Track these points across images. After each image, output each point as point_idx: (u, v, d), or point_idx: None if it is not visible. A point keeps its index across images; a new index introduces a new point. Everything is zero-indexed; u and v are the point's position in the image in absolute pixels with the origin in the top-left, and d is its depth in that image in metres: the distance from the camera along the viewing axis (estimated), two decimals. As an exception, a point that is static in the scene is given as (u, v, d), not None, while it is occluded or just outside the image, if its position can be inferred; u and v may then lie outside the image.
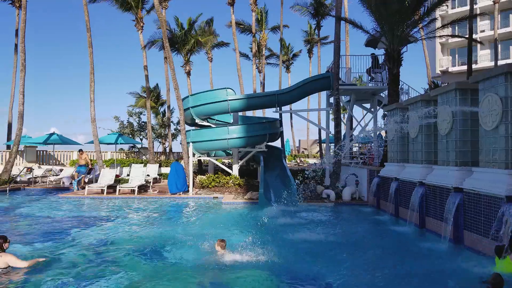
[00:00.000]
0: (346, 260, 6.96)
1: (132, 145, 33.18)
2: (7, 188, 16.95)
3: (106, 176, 16.84)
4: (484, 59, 35.64)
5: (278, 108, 18.77)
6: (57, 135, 23.55)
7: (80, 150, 19.33)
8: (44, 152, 26.74)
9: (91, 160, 26.55)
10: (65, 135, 24.26)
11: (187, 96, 19.45)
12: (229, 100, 17.90)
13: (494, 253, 5.93)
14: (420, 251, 7.80)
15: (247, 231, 9.16)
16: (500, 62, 29.71)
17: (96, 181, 17.78)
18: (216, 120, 21.04)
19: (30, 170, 21.30)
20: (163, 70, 33.25)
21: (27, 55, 19.87)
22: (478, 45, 35.45)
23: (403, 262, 6.91)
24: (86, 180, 19.58)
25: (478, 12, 31.84)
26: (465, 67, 27.69)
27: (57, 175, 21.03)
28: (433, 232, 8.77)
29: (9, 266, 6.06)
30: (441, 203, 8.43)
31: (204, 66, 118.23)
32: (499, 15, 32.20)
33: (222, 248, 6.97)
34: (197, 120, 19.06)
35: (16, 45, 26.82)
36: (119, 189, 15.81)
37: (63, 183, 19.53)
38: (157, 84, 40.14)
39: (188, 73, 31.81)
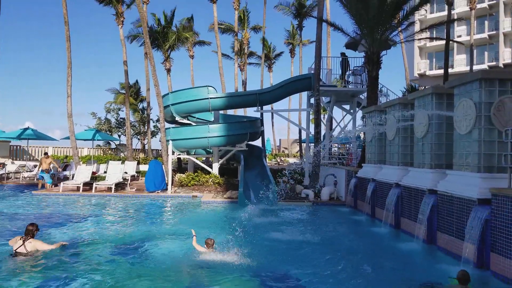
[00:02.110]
0: (318, 259, 7.04)
1: (107, 141, 32.56)
2: (-22, 184, 16.36)
3: (82, 173, 16.47)
4: (460, 63, 36.65)
5: (259, 107, 18.79)
6: (32, 130, 22.86)
7: (45, 154, 18.02)
8: (18, 147, 25.95)
9: (66, 157, 25.97)
10: (41, 130, 23.69)
11: (168, 93, 19.24)
12: (210, 98, 17.79)
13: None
14: (393, 250, 7.98)
15: (226, 230, 9.13)
16: (475, 67, 30.62)
17: (72, 178, 17.36)
18: (197, 118, 20.89)
19: (2, 165, 20.62)
20: (143, 66, 32.76)
21: (1, 47, 19.18)
22: (455, 50, 36.49)
23: (375, 261, 7.05)
24: (62, 177, 19.12)
25: (455, 17, 32.69)
26: (441, 71, 28.40)
27: (31, 171, 20.44)
28: (408, 233, 8.96)
29: (37, 250, 6.78)
30: (416, 205, 8.62)
31: (185, 63, 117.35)
32: (475, 21, 33.21)
33: (208, 247, 7.00)
34: (177, 118, 18.87)
35: (-11, 36, 25.84)
36: (96, 187, 15.49)
37: (37, 179, 18.98)
38: (136, 81, 39.47)
39: (169, 70, 31.43)
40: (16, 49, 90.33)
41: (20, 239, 6.75)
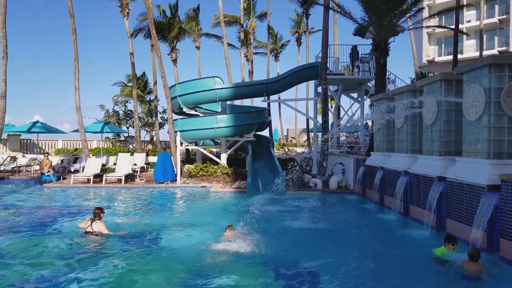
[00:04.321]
0: (328, 247, 7.09)
1: (117, 133, 32.79)
2: (-9, 178, 16.66)
3: (92, 165, 16.67)
4: (469, 49, 36.05)
5: (266, 97, 18.75)
6: (41, 123, 23.10)
7: (46, 154, 17.93)
8: (28, 140, 26.28)
9: (76, 150, 26.26)
10: (50, 123, 23.81)
11: (174, 85, 19.26)
12: (216, 89, 17.80)
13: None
14: (403, 237, 8.00)
15: (235, 220, 9.22)
16: (485, 53, 30.12)
17: (82, 170, 17.59)
18: (204, 109, 20.93)
19: (13, 159, 20.94)
20: (149, 59, 32.76)
21: (9, 42, 19.34)
22: (464, 36, 35.85)
23: (385, 248, 7.09)
24: (72, 169, 19.37)
25: (464, 2, 32.08)
26: (451, 57, 27.95)
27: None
28: (417, 220, 8.97)
29: (100, 231, 7.59)
30: (425, 192, 8.61)
31: (191, 55, 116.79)
32: (485, 6, 32.53)
33: (229, 230, 7.42)
34: (185, 109, 18.93)
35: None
36: (106, 178, 15.68)
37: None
38: (144, 73, 39.50)
39: (175, 61, 31.42)
40: (24, 43, 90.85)
41: (89, 220, 7.74)
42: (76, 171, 18.56)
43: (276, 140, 42.55)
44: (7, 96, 18.78)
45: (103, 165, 17.77)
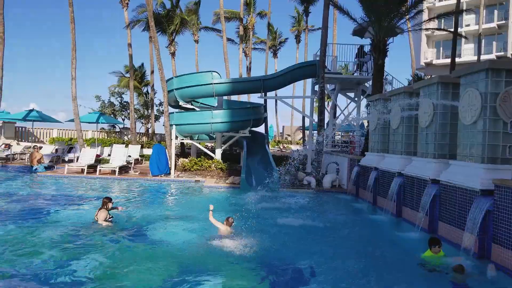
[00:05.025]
0: (318, 246, 7.11)
1: (112, 124, 32.62)
2: (-17, 165, 16.51)
3: (87, 156, 16.57)
4: (467, 53, 36.19)
5: (263, 93, 18.71)
6: (37, 111, 22.89)
7: (36, 147, 17.84)
8: (23, 128, 26.07)
9: (71, 139, 26.09)
10: (45, 112, 23.60)
11: (172, 78, 19.17)
12: (214, 83, 17.73)
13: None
14: (395, 238, 8.04)
15: (229, 215, 9.21)
16: (483, 57, 30.24)
17: (77, 160, 17.49)
18: (200, 103, 20.86)
19: (8, 146, 20.76)
20: (148, 50, 32.53)
21: (6, 30, 19.09)
22: (463, 39, 35.97)
23: (377, 249, 7.11)
24: (66, 159, 19.25)
25: (464, 7, 32.14)
26: (449, 60, 28.05)
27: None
28: (409, 222, 9.01)
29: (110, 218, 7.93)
30: (418, 194, 8.65)
31: (190, 48, 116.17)
32: (484, 10, 32.64)
33: (227, 224, 7.41)
34: (181, 103, 18.86)
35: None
36: (100, 169, 15.60)
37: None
38: (142, 64, 39.21)
39: (173, 54, 31.21)
40: (21, 32, 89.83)
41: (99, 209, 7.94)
42: (70, 161, 18.43)
43: (271, 137, 42.55)
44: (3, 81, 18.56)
45: (97, 155, 17.67)
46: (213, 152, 18.73)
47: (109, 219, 7.91)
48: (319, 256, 6.47)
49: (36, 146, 18.90)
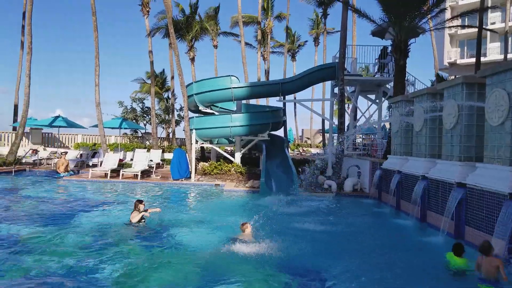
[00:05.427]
0: (341, 252, 7.00)
1: (134, 130, 33.23)
2: (13, 170, 17.07)
3: (110, 160, 16.92)
4: (493, 52, 35.05)
5: (282, 97, 18.66)
6: (62, 118, 23.55)
7: (63, 153, 18.37)
8: (49, 134, 26.84)
9: (94, 145, 26.71)
10: (70, 117, 24.31)
11: (191, 83, 19.36)
12: (232, 88, 17.80)
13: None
14: (420, 244, 7.82)
15: (249, 219, 9.19)
16: (510, 56, 29.25)
17: (100, 165, 17.87)
18: (220, 107, 20.98)
19: (35, 152, 21.42)
20: (168, 56, 33.01)
21: (34, 37, 19.79)
22: (488, 38, 34.90)
23: (402, 255, 6.93)
24: (90, 164, 19.70)
25: (489, 4, 31.24)
26: (473, 60, 27.23)
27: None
28: (434, 227, 8.76)
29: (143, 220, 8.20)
30: (443, 198, 8.40)
31: (209, 53, 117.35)
32: (511, 7, 31.60)
33: (243, 230, 7.37)
34: (201, 107, 19.01)
35: (23, 27, 26.63)
36: (123, 173, 15.89)
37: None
38: (163, 70, 39.87)
39: (192, 60, 31.62)
40: (46, 39, 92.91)
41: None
42: (94, 166, 18.86)
43: (291, 140, 42.37)
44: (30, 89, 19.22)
45: (120, 160, 18.01)
46: (233, 156, 18.78)
47: (143, 221, 8.15)
48: (342, 262, 6.34)
49: (63, 153, 19.45)
